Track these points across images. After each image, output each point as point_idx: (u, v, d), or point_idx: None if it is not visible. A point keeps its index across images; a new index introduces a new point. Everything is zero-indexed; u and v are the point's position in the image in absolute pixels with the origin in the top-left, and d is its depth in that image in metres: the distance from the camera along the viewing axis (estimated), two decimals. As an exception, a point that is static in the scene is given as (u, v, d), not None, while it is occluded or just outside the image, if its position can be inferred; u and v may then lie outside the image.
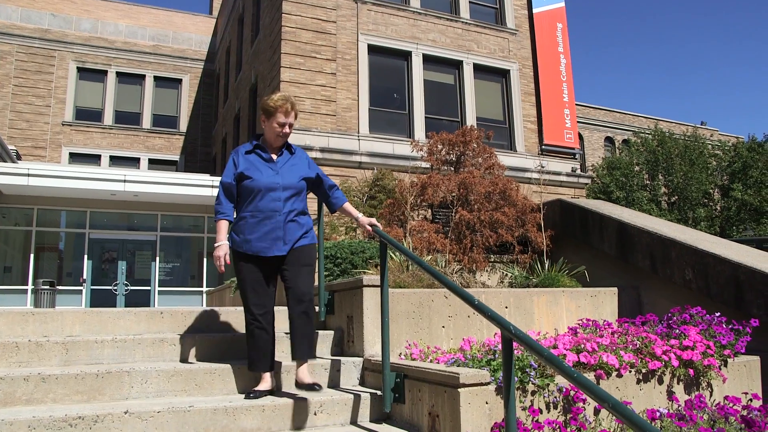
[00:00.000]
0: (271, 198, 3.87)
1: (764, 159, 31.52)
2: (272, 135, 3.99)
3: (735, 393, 4.28)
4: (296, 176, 4.01)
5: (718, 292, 5.08)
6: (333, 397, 4.12)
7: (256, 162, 3.95)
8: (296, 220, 3.96)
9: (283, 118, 3.95)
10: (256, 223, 3.86)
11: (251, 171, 3.90)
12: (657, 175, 30.75)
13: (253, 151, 4.01)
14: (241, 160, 3.95)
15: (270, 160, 3.98)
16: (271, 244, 3.87)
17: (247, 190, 3.89)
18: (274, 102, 3.94)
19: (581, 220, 6.37)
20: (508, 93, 19.33)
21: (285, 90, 16.04)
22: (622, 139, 36.37)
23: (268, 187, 3.87)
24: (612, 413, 2.12)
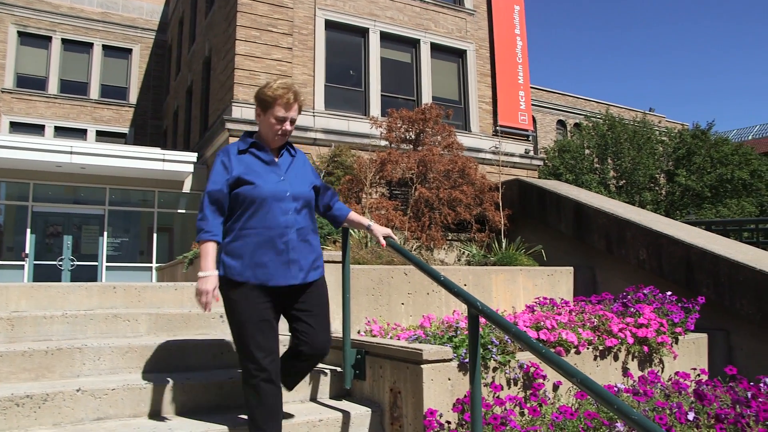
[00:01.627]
0: (280, 210, 2.97)
1: (707, 146, 32.46)
2: (269, 133, 3.09)
3: (685, 369, 4.40)
4: (306, 183, 3.17)
5: (671, 272, 5.20)
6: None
7: (254, 165, 3.05)
8: (309, 240, 3.10)
9: (283, 112, 3.04)
10: (262, 243, 2.94)
11: (251, 175, 2.99)
12: (606, 159, 31.36)
13: (248, 150, 3.08)
14: (234, 161, 3.02)
15: (272, 162, 3.09)
16: (282, 270, 2.97)
17: (246, 200, 2.96)
18: (273, 91, 3.04)
19: (539, 200, 6.43)
20: (464, 73, 19.36)
21: (240, 64, 15.73)
22: (573, 122, 36.94)
23: (275, 195, 2.97)
24: (580, 387, 2.13)
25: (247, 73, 15.85)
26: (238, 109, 15.53)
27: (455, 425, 3.17)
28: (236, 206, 2.99)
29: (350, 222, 3.50)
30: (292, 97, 3.07)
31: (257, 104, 3.11)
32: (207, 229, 2.94)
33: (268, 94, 3.05)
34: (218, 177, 3.00)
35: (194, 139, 20.18)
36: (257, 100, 3.10)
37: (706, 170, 31.88)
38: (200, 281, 2.91)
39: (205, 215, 2.96)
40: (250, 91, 15.78)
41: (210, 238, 2.93)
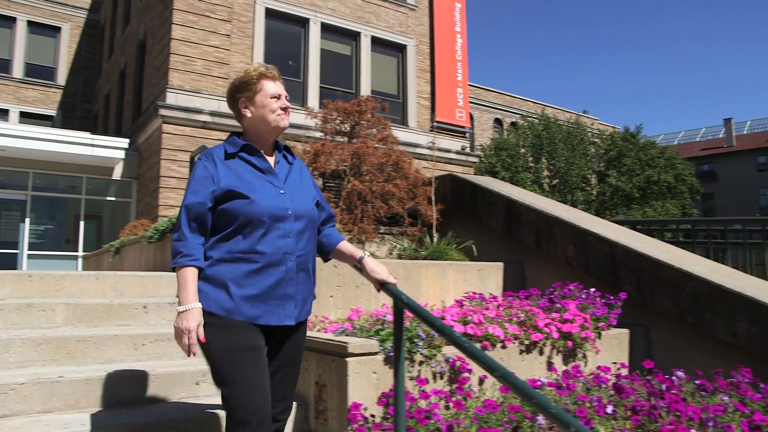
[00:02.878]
0: (280, 232, 2.39)
1: (636, 149, 33.63)
2: (266, 120, 2.50)
3: (607, 363, 4.52)
4: (309, 198, 2.58)
5: (596, 269, 5.33)
6: (216, 367, 3.99)
7: (246, 173, 2.44)
8: (308, 270, 2.53)
9: (274, 87, 2.52)
10: (254, 272, 2.36)
11: (245, 187, 2.39)
12: (541, 158, 32.07)
13: (238, 154, 2.47)
14: (221, 168, 2.42)
15: (268, 170, 2.49)
16: (275, 307, 2.40)
17: (238, 218, 2.37)
18: (255, 70, 2.53)
19: (471, 195, 6.49)
20: (403, 68, 19.40)
21: (175, 49, 15.31)
22: (510, 121, 37.59)
23: (274, 214, 2.39)
24: (501, 381, 2.14)
25: (183, 59, 15.45)
26: (173, 95, 15.12)
27: (380, 419, 3.15)
28: (223, 224, 2.38)
29: (339, 253, 2.74)
30: (275, 72, 2.56)
31: (238, 94, 2.53)
32: (186, 251, 2.33)
33: (249, 74, 2.51)
34: (200, 187, 2.38)
35: (126, 125, 19.56)
36: (236, 89, 2.54)
37: (635, 172, 33.01)
38: (180, 318, 2.29)
39: (184, 234, 2.35)
40: (185, 77, 15.40)
41: (190, 263, 2.33)
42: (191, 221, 2.36)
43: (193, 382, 3.81)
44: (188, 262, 2.33)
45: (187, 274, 2.33)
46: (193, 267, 2.34)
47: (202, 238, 2.38)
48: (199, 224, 2.37)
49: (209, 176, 2.39)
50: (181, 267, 2.33)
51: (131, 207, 17.51)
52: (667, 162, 33.82)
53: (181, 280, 2.33)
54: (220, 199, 2.38)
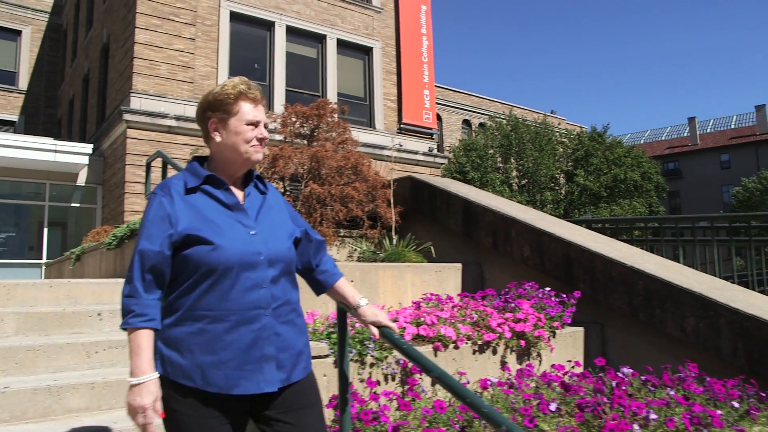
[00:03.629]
0: (250, 282, 2.01)
1: (603, 148, 34.08)
2: (241, 146, 2.10)
3: (561, 361, 4.59)
4: (285, 236, 2.17)
5: (552, 268, 5.40)
6: (170, 373, 3.98)
7: (210, 211, 2.06)
8: (292, 321, 2.12)
9: (253, 113, 2.13)
10: (222, 332, 1.97)
11: (208, 230, 2.00)
12: (510, 159, 32.33)
13: (200, 188, 2.09)
14: (180, 206, 2.03)
15: (236, 206, 2.09)
16: (251, 372, 1.99)
17: (200, 268, 1.98)
18: (232, 87, 2.12)
19: (430, 197, 6.54)
20: (370, 70, 19.44)
21: (139, 53, 15.16)
22: (478, 122, 37.84)
23: (244, 261, 2.00)
24: (438, 382, 2.17)
25: (147, 63, 15.31)
26: (137, 100, 14.97)
27: (329, 422, 3.16)
28: (184, 274, 1.99)
29: (336, 293, 2.39)
30: (258, 94, 2.16)
31: (209, 112, 2.12)
32: (139, 310, 1.93)
33: (226, 92, 2.10)
34: (155, 230, 1.98)
35: (91, 130, 19.30)
36: (208, 106, 2.13)
37: (602, 171, 33.45)
38: (132, 393, 1.91)
39: (136, 289, 1.94)
40: (149, 81, 15.26)
41: (144, 324, 1.92)
42: (145, 272, 1.95)
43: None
44: (141, 323, 1.92)
45: (140, 338, 1.92)
46: (148, 329, 1.93)
47: (159, 291, 1.99)
48: (156, 276, 1.96)
49: (165, 216, 1.99)
50: (133, 329, 1.92)
51: (96, 213, 17.28)
52: (634, 161, 34.33)
53: (133, 345, 1.93)
54: (179, 245, 1.98)
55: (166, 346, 1.98)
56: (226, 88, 2.12)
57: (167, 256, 1.97)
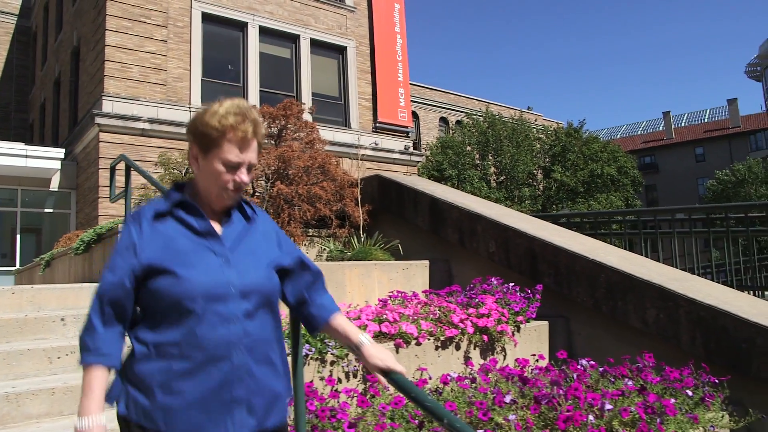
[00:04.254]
0: (219, 317, 1.80)
1: (579, 144, 34.36)
2: (211, 187, 1.90)
3: (526, 355, 4.63)
4: (263, 265, 1.94)
5: (517, 263, 5.46)
6: (133, 377, 3.97)
7: (179, 238, 1.87)
8: (270, 360, 1.90)
9: (236, 153, 1.87)
10: (188, 371, 1.78)
11: (173, 260, 1.82)
12: (487, 156, 32.48)
13: (172, 213, 1.90)
14: (148, 233, 1.86)
15: (209, 233, 1.89)
16: (218, 416, 1.80)
17: (164, 300, 1.79)
18: (220, 119, 1.84)
19: (397, 195, 6.57)
20: (344, 70, 19.44)
21: (110, 55, 15.02)
22: (455, 119, 37.97)
23: (211, 293, 1.80)
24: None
25: (118, 66, 15.19)
26: (109, 103, 14.85)
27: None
28: (148, 308, 1.82)
29: (333, 330, 2.09)
30: (251, 129, 1.86)
31: (192, 138, 1.91)
32: (92, 345, 1.77)
33: (212, 124, 1.83)
34: (119, 262, 1.82)
35: (63, 134, 19.11)
36: (193, 132, 1.90)
37: (579, 166, 33.72)
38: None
39: (92, 324, 1.79)
40: (121, 84, 15.14)
41: (96, 360, 1.76)
42: (104, 306, 1.79)
43: (108, 393, 3.78)
44: (94, 359, 1.75)
45: (91, 376, 1.74)
46: (101, 366, 1.75)
47: (119, 326, 1.82)
48: (115, 309, 1.79)
49: (131, 245, 1.82)
50: (86, 366, 1.76)
51: (71, 218, 17.12)
52: (610, 155, 34.63)
53: (83, 383, 1.75)
54: (142, 277, 1.80)
55: (130, 384, 1.79)
56: (213, 118, 1.83)
57: (128, 288, 1.79)
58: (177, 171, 8.23)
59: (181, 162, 8.37)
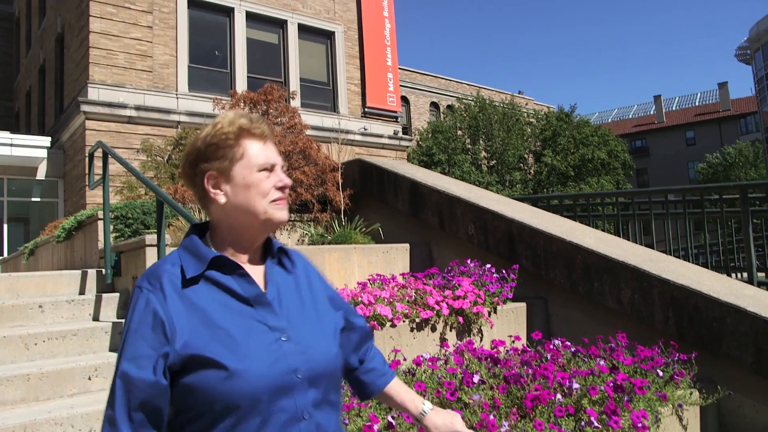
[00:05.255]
0: (287, 415, 1.36)
1: (570, 128, 34.39)
2: (252, 211, 1.45)
3: (503, 337, 4.66)
4: (328, 334, 1.53)
5: (495, 246, 5.48)
6: (110, 361, 4.00)
7: (221, 311, 1.39)
8: None
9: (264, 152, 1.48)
10: None
11: (216, 344, 1.34)
12: (478, 140, 32.47)
13: (204, 276, 1.42)
14: (178, 306, 1.37)
15: (258, 299, 1.43)
16: None
17: (212, 402, 1.31)
18: (230, 123, 1.47)
19: (378, 179, 6.57)
20: (332, 55, 19.36)
21: (95, 42, 14.91)
22: (446, 104, 37.90)
23: (272, 388, 1.34)
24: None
25: (103, 53, 15.08)
26: (95, 90, 14.77)
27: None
28: (188, 410, 1.34)
29: (388, 398, 1.75)
30: (265, 127, 1.51)
31: (203, 164, 1.46)
32: None
33: (222, 131, 1.45)
34: (143, 347, 1.32)
35: (50, 122, 19.00)
36: (197, 157, 1.47)
37: (569, 151, 33.76)
38: None
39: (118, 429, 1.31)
40: (107, 71, 15.04)
41: None
42: (133, 410, 1.30)
43: (85, 377, 3.80)
44: None
45: None
46: None
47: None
48: (149, 414, 1.31)
49: (158, 324, 1.32)
50: None
51: (58, 207, 17.06)
52: (601, 139, 34.69)
53: None
54: (179, 369, 1.32)
55: None
56: (220, 126, 1.46)
57: (164, 387, 1.30)
58: (160, 158, 8.21)
59: (163, 148, 8.35)
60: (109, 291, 5.04)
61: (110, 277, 5.04)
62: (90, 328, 4.30)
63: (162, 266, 1.43)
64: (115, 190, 7.43)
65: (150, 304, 1.35)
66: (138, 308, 1.36)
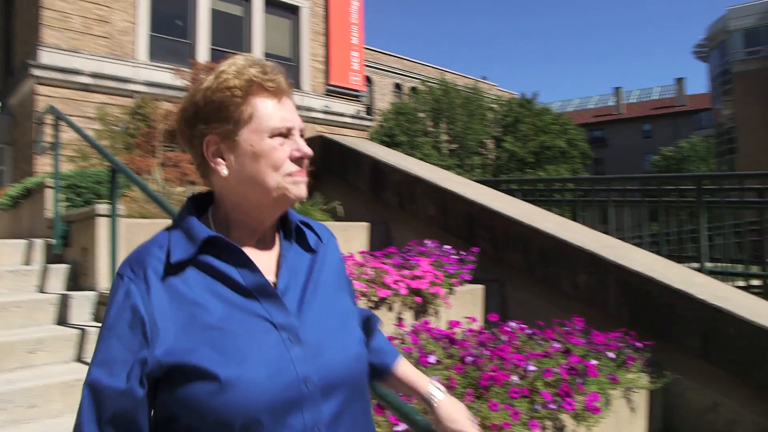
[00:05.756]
0: None
1: (532, 115, 34.74)
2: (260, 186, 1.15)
3: (460, 318, 4.66)
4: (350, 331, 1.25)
5: (455, 227, 5.48)
6: (56, 334, 3.87)
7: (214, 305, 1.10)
8: None
9: (279, 113, 1.16)
10: None
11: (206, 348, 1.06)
12: (440, 123, 32.55)
13: (197, 260, 1.13)
14: (162, 299, 1.09)
15: (262, 290, 1.13)
16: None
17: (203, 418, 1.05)
18: (237, 73, 1.15)
19: (340, 157, 6.49)
20: (297, 31, 19.07)
21: (48, 3, 14.31)
22: (410, 86, 37.83)
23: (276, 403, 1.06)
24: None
25: (57, 15, 14.51)
26: (47, 54, 14.23)
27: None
28: (175, 421, 1.09)
29: (397, 380, 1.51)
30: (282, 79, 1.19)
31: (200, 126, 1.17)
32: None
33: (227, 83, 1.15)
34: (118, 348, 1.08)
35: (-2, 86, 18.29)
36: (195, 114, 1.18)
37: (530, 137, 34.12)
38: None
39: None
40: (61, 35, 14.51)
41: None
42: (104, 423, 1.07)
43: (27, 351, 3.68)
44: None
45: None
46: None
47: None
48: (122, 427, 1.08)
49: (137, 322, 1.07)
50: None
51: (4, 175, 16.48)
52: (561, 128, 35.13)
53: None
54: (162, 378, 1.08)
55: None
56: (225, 77, 1.15)
57: (140, 397, 1.07)
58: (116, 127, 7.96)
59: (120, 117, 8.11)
60: (57, 262, 4.87)
61: (59, 247, 4.87)
62: (35, 299, 4.16)
63: (148, 249, 1.15)
64: (68, 159, 7.18)
65: (130, 296, 1.09)
66: (116, 301, 1.11)
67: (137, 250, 1.17)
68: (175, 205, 4.65)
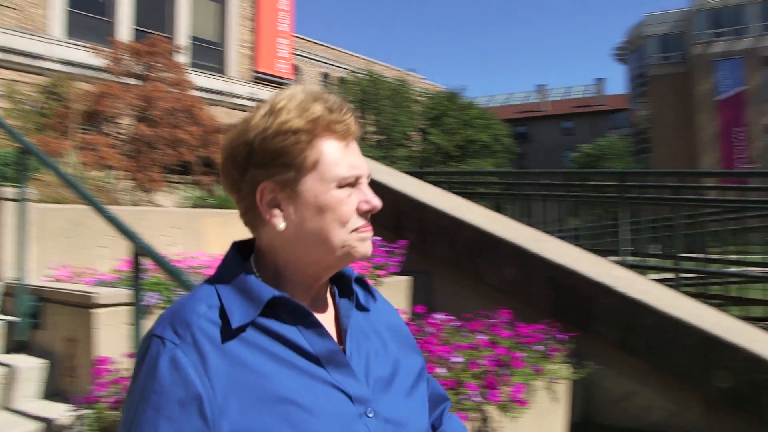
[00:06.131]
0: None
1: (458, 109, 35.25)
2: (323, 243, 0.98)
3: (387, 310, 4.65)
4: (419, 399, 1.09)
5: (382, 218, 5.41)
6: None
7: (280, 374, 0.92)
8: None
9: (347, 159, 0.99)
10: None
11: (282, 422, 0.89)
12: (366, 115, 32.55)
13: (256, 325, 0.94)
14: (221, 370, 0.89)
15: (333, 358, 0.97)
16: None
17: None
18: (302, 111, 0.97)
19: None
20: (224, 14, 18.61)
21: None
22: (338, 76, 37.63)
23: None
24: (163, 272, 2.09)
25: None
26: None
27: (126, 373, 3.00)
28: None
29: None
30: (351, 120, 1.02)
31: (252, 171, 0.98)
32: None
33: (289, 123, 0.96)
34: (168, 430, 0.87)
35: None
36: (248, 156, 0.98)
37: (455, 131, 34.61)
38: None
39: None
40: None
41: None
42: None
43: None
44: None
45: None
46: None
47: None
48: None
49: (193, 399, 0.88)
50: None
51: None
52: (485, 122, 35.80)
53: None
54: None
55: None
56: (286, 117, 0.97)
57: None
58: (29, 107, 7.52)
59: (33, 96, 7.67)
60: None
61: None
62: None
63: (193, 307, 0.95)
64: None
65: (179, 366, 0.88)
66: (160, 371, 0.88)
67: (175, 308, 0.97)
68: (91, 190, 4.44)
